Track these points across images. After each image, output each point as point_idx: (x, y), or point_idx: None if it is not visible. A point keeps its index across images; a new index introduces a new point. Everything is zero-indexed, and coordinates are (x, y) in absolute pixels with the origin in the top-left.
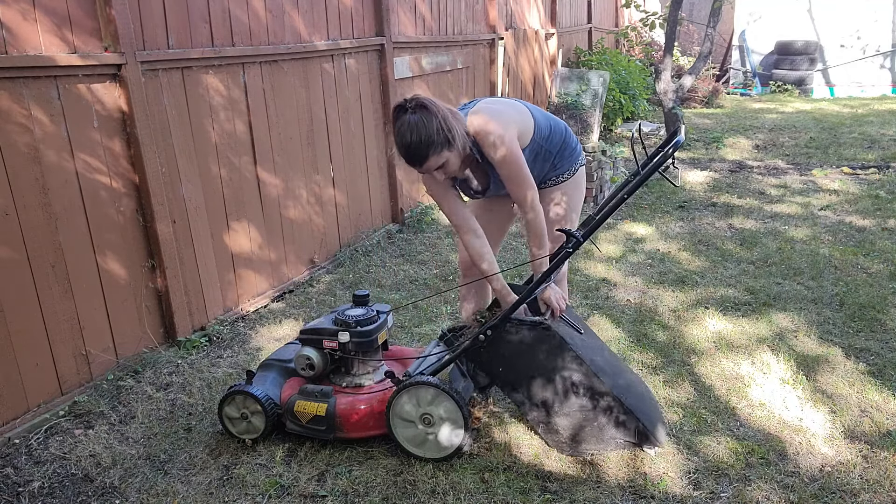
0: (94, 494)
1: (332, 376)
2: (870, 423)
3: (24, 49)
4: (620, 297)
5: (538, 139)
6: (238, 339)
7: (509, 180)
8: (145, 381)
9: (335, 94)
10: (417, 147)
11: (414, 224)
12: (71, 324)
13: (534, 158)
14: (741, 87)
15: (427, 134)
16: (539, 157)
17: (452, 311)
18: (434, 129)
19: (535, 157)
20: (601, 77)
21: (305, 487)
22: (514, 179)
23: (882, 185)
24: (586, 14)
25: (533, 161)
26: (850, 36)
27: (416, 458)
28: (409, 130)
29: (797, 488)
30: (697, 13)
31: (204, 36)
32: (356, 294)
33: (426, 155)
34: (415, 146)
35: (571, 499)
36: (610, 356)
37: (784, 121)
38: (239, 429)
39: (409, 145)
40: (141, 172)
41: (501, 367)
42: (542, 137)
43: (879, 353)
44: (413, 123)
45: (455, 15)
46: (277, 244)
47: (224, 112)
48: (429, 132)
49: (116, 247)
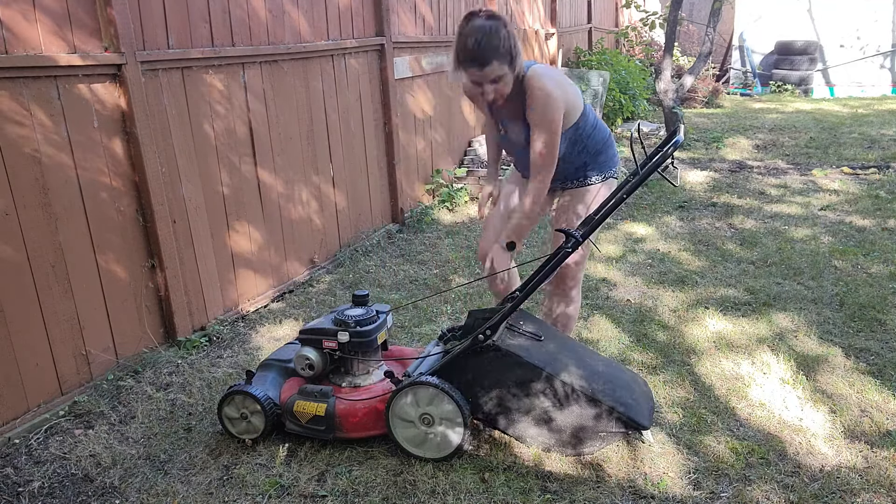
0: (94, 494)
1: (332, 376)
2: (870, 423)
3: (25, 49)
4: (620, 296)
5: (582, 127)
6: (238, 339)
7: (537, 142)
8: (145, 381)
9: (335, 94)
10: (486, 49)
11: (414, 224)
12: (71, 324)
13: (571, 145)
14: (741, 87)
15: (498, 40)
16: (576, 147)
17: (452, 311)
18: (503, 39)
19: (572, 144)
20: (601, 77)
21: (305, 487)
22: (542, 144)
23: (882, 185)
24: (586, 14)
25: (570, 147)
26: (850, 36)
27: (415, 458)
28: (480, 32)
29: (797, 488)
30: (697, 13)
31: (204, 36)
32: (356, 294)
33: (490, 59)
34: (484, 46)
35: (571, 499)
36: (579, 352)
37: (784, 121)
38: (239, 429)
39: (478, 43)
40: (141, 172)
41: (471, 396)
42: (586, 128)
43: (879, 353)
44: (487, 28)
45: (455, 15)
46: (277, 244)
47: (224, 112)
48: (500, 39)
49: (116, 247)
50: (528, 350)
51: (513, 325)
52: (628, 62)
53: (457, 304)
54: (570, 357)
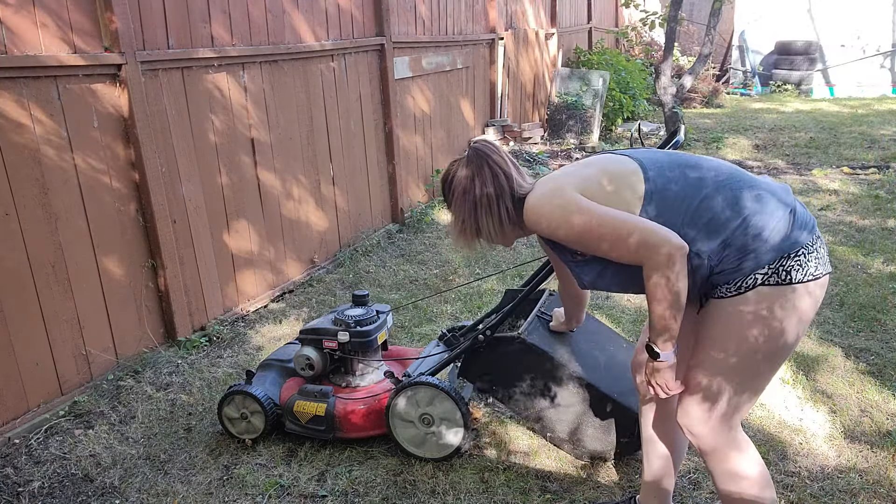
0: (94, 494)
1: (332, 376)
2: (870, 423)
3: (25, 49)
4: (620, 296)
5: (654, 192)
6: (238, 339)
7: (591, 249)
8: (145, 381)
9: (335, 94)
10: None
11: (414, 224)
12: (71, 324)
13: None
14: (741, 87)
15: (447, 187)
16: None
17: (452, 311)
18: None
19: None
20: (601, 77)
21: (305, 487)
22: (597, 243)
23: (882, 185)
24: (586, 14)
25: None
26: (850, 36)
27: (415, 458)
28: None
29: (797, 488)
30: (697, 13)
31: (204, 36)
32: (356, 294)
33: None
34: (443, 192)
35: (571, 499)
36: (611, 348)
37: (784, 121)
38: (239, 429)
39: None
40: (141, 172)
41: (493, 384)
42: (669, 196)
43: (879, 353)
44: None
45: (455, 15)
46: (277, 244)
47: (224, 112)
48: (449, 187)
49: (116, 247)
50: (554, 347)
51: (543, 314)
52: (628, 62)
53: (457, 304)
54: (607, 353)
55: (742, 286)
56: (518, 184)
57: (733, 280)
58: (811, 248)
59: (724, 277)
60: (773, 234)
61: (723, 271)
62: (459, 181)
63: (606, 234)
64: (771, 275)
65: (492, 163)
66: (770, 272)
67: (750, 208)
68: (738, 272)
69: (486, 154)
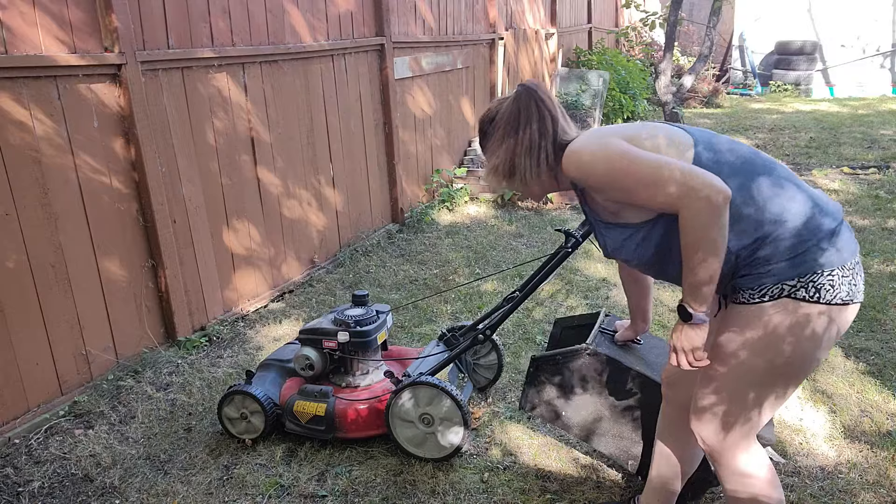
0: (94, 494)
1: (332, 376)
2: (870, 423)
3: (25, 49)
4: (620, 296)
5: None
6: (238, 339)
7: (629, 194)
8: (145, 381)
9: (335, 94)
10: (481, 134)
11: (414, 224)
12: (71, 324)
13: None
14: (741, 87)
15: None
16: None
17: (452, 311)
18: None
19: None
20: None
21: (305, 487)
22: (636, 185)
23: (882, 185)
24: (586, 14)
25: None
26: (850, 36)
27: (415, 458)
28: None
29: (797, 488)
30: (697, 13)
31: (204, 36)
32: (355, 294)
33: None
34: (480, 130)
35: (571, 499)
36: None
37: (784, 121)
38: (238, 429)
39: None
40: (141, 172)
41: (563, 411)
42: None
43: (879, 353)
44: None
45: (455, 15)
46: (277, 244)
47: (224, 112)
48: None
49: (116, 247)
50: (624, 356)
51: (605, 328)
52: (628, 62)
53: (457, 304)
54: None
55: (767, 294)
56: (563, 129)
57: (758, 286)
58: (846, 271)
59: (749, 282)
60: (795, 217)
61: (748, 274)
62: (503, 116)
63: (645, 176)
64: (799, 288)
65: (540, 104)
66: (799, 285)
67: (767, 193)
68: (766, 276)
69: (537, 94)
